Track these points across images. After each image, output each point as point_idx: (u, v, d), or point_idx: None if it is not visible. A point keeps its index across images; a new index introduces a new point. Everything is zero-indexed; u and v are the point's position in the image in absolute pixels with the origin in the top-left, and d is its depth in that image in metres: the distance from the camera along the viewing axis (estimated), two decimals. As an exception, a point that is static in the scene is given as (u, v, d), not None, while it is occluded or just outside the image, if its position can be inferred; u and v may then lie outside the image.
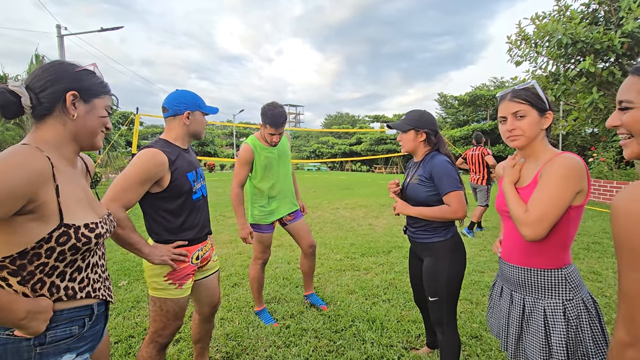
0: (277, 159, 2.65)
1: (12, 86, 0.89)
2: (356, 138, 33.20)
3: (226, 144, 40.67)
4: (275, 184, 2.65)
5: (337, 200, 9.59)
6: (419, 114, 1.84)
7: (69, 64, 0.99)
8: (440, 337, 1.82)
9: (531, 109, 1.20)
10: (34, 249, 0.85)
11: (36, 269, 0.87)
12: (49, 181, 0.87)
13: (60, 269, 0.91)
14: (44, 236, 0.86)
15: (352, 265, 4.02)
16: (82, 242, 0.92)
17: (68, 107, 0.95)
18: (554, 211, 1.09)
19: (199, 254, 1.70)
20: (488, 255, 4.32)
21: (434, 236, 1.78)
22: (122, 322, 2.69)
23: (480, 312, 2.79)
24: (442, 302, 1.76)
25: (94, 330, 1.03)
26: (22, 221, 0.83)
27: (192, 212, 1.65)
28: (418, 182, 1.78)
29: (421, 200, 1.77)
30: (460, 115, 28.92)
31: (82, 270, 0.97)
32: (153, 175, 1.49)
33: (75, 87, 0.96)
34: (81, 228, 0.92)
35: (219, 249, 4.77)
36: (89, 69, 1.02)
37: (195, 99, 1.69)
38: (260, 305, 2.82)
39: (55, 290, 0.91)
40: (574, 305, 1.16)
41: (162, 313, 1.61)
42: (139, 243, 1.46)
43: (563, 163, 1.11)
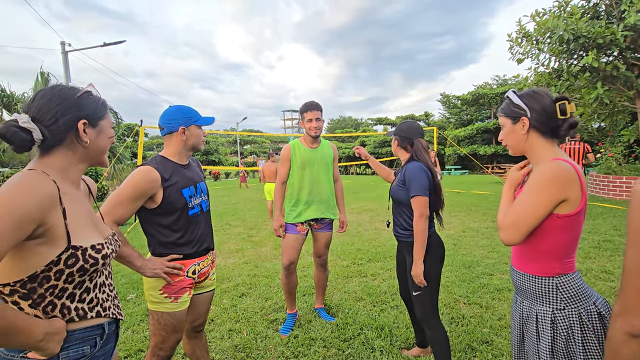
0: (316, 163, 2.69)
1: (22, 123, 0.88)
2: (360, 141, 33.18)
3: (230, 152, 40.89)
4: (307, 186, 2.68)
5: (342, 204, 9.55)
6: (401, 123, 2.09)
7: (70, 89, 0.98)
8: (429, 333, 1.94)
9: (505, 119, 1.27)
10: (43, 272, 0.87)
11: (46, 292, 0.89)
12: (57, 205, 0.88)
13: (69, 291, 0.93)
14: (53, 259, 0.87)
15: (359, 271, 3.99)
16: (89, 264, 0.94)
17: (81, 135, 0.96)
18: (527, 218, 1.10)
19: (196, 268, 1.70)
20: (497, 257, 4.27)
21: (410, 235, 1.96)
22: (131, 335, 2.69)
23: (490, 316, 2.75)
24: (424, 296, 1.90)
25: (105, 350, 1.04)
26: (31, 246, 0.85)
27: (189, 227, 1.65)
28: (396, 185, 2.00)
29: (399, 200, 1.99)
30: (463, 114, 28.77)
31: (91, 291, 0.99)
32: (145, 192, 1.51)
33: (83, 115, 0.97)
34: (88, 250, 0.94)
35: (226, 259, 4.78)
36: (88, 90, 1.02)
37: (188, 113, 1.69)
38: (290, 309, 2.84)
39: (67, 311, 0.93)
40: (565, 315, 1.12)
41: (160, 327, 1.62)
42: (130, 256, 1.49)
43: (543, 170, 1.10)
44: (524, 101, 1.21)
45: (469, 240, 5.19)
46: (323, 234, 2.81)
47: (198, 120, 1.70)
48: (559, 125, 1.17)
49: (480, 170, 22.22)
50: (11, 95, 9.14)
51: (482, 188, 12.92)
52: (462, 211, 7.78)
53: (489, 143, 24.05)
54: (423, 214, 1.83)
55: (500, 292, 3.21)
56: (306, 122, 2.64)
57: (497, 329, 2.56)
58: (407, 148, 2.03)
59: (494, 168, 21.92)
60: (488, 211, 7.62)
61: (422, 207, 1.83)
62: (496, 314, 2.79)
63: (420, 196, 1.83)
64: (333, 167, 2.81)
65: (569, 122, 1.16)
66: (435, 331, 1.90)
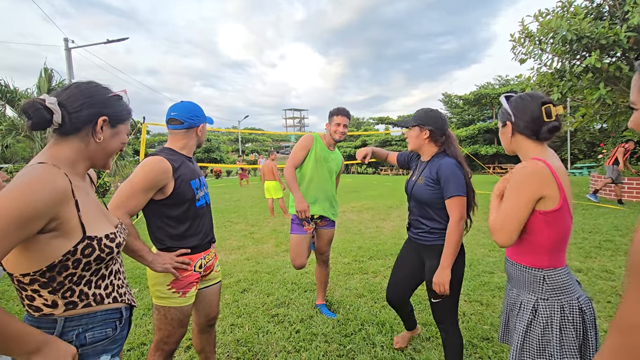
0: (328, 164, 2.74)
1: (49, 103, 0.91)
2: (361, 140, 33.16)
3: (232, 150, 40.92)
4: (317, 181, 2.71)
5: (344, 203, 9.57)
6: (426, 111, 1.84)
7: (103, 88, 1.03)
8: (444, 336, 1.86)
9: (499, 122, 1.36)
10: (61, 262, 0.89)
11: (65, 279, 0.91)
12: (70, 199, 0.89)
13: (86, 278, 0.96)
14: (70, 249, 0.89)
15: (360, 268, 4.01)
16: (105, 253, 0.96)
17: (97, 130, 0.99)
18: (511, 219, 1.17)
19: (202, 262, 1.71)
20: (497, 256, 4.28)
21: (437, 239, 1.80)
22: (134, 329, 2.71)
23: (491, 314, 2.76)
24: (444, 303, 1.78)
25: (122, 335, 1.07)
26: (46, 239, 0.86)
27: (195, 219, 1.66)
28: (424, 183, 1.79)
29: (427, 201, 1.79)
30: (465, 114, 28.76)
31: (106, 278, 1.02)
32: (157, 183, 1.51)
33: (106, 113, 1.00)
34: (103, 239, 0.96)
35: (227, 255, 4.80)
36: (119, 95, 1.07)
37: (203, 112, 1.76)
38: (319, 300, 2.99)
39: (85, 297, 0.96)
40: (547, 305, 1.19)
41: (167, 321, 1.62)
42: (142, 250, 1.49)
43: (517, 172, 1.18)
44: (510, 106, 1.29)
45: (470, 239, 5.20)
46: (326, 231, 2.83)
47: (206, 119, 1.78)
48: (540, 129, 1.23)
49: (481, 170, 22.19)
50: (14, 91, 9.15)
51: (484, 188, 12.90)
52: (463, 211, 7.77)
53: (491, 143, 24.03)
54: (463, 216, 1.68)
55: (500, 289, 3.22)
56: (333, 125, 2.68)
57: (497, 326, 2.57)
58: (438, 141, 1.81)
59: (495, 168, 21.91)
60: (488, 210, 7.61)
61: (462, 208, 1.67)
62: (497, 312, 2.80)
63: (461, 196, 1.67)
64: (337, 175, 2.89)
65: (548, 126, 1.22)
66: (453, 336, 1.82)
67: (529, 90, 8.30)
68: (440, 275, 1.69)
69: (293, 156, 2.68)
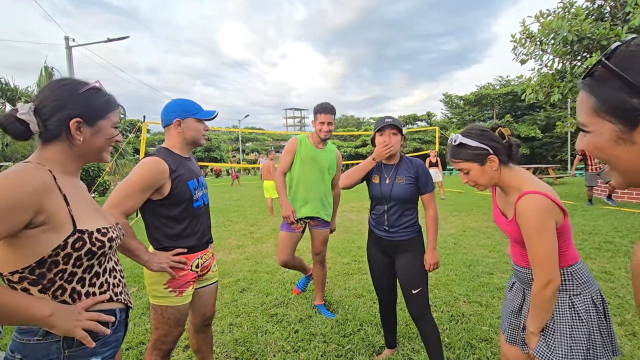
0: (317, 163, 2.72)
1: (21, 114, 0.89)
2: (361, 140, 33.17)
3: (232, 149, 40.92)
4: (304, 183, 2.72)
5: (343, 203, 9.57)
6: (397, 119, 1.99)
7: (77, 84, 0.98)
8: (425, 328, 1.95)
9: (470, 164, 1.29)
10: (50, 256, 0.88)
11: (55, 276, 0.90)
12: (54, 191, 0.88)
13: (79, 275, 0.94)
14: (60, 243, 0.88)
15: (359, 268, 4.01)
16: (97, 247, 0.94)
17: (73, 133, 0.95)
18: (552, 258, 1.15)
19: (199, 262, 1.71)
20: (497, 257, 4.27)
21: (412, 232, 1.97)
22: (133, 328, 2.71)
23: (490, 315, 2.76)
24: (424, 291, 1.93)
25: (116, 337, 1.05)
26: (35, 233, 0.86)
27: (193, 219, 1.66)
28: (407, 183, 1.93)
29: (408, 199, 1.93)
30: (466, 115, 28.74)
31: (101, 276, 1.00)
32: (154, 183, 1.51)
33: (79, 113, 0.95)
34: (94, 233, 0.94)
35: (227, 255, 4.80)
36: (95, 87, 1.00)
37: (186, 105, 1.68)
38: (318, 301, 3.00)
39: (77, 295, 0.94)
40: (581, 300, 1.19)
41: (164, 320, 1.62)
42: (138, 249, 1.49)
43: (531, 215, 1.15)
44: (481, 141, 1.26)
45: (469, 239, 5.20)
46: (320, 231, 2.83)
47: (197, 114, 1.68)
48: (511, 149, 1.27)
49: (481, 171, 22.20)
50: (15, 90, 9.17)
51: (484, 189, 12.90)
52: (463, 211, 7.78)
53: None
54: (435, 206, 1.96)
55: (500, 290, 3.21)
56: (318, 124, 2.65)
57: (496, 327, 2.57)
58: (403, 146, 2.06)
59: (495, 169, 21.84)
60: (489, 211, 7.62)
61: (435, 199, 1.98)
62: (496, 313, 2.80)
63: (433, 190, 1.97)
64: (336, 172, 2.85)
65: (514, 144, 1.27)
66: (431, 324, 1.94)
67: (529, 90, 8.31)
68: (433, 255, 1.93)
69: (281, 162, 2.75)
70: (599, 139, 0.55)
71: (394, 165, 1.98)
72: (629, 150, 0.52)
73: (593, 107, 0.54)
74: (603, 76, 0.52)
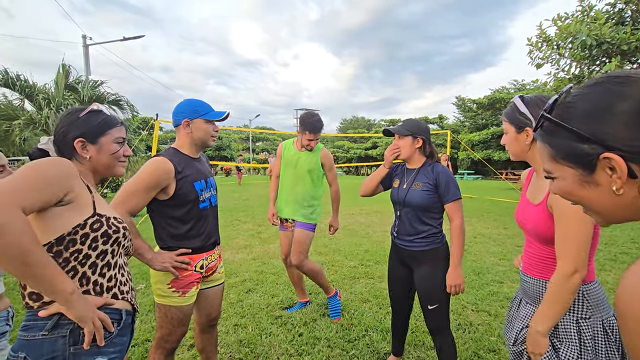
0: (299, 165, 2.78)
1: (41, 145, 1.10)
2: (372, 142, 33.02)
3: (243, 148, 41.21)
4: (286, 185, 2.84)
5: (352, 205, 9.54)
6: (416, 122, 1.90)
7: (78, 110, 1.12)
8: (439, 345, 1.87)
9: (509, 125, 1.23)
10: (70, 234, 0.95)
11: (71, 256, 0.95)
12: (79, 179, 1.01)
13: (92, 259, 0.99)
14: (80, 222, 0.97)
15: (366, 272, 3.97)
16: (112, 230, 1.03)
17: (79, 152, 1.09)
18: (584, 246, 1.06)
19: (204, 263, 1.71)
20: (508, 265, 4.18)
21: (431, 244, 1.83)
22: (140, 325, 2.74)
23: (499, 325, 2.70)
24: (441, 307, 1.81)
25: (122, 341, 1.05)
26: (60, 211, 0.95)
27: (198, 220, 1.66)
28: (423, 189, 1.81)
29: (424, 206, 1.82)
30: (478, 118, 28.33)
31: (111, 268, 1.04)
32: (159, 183, 1.52)
33: (81, 133, 1.09)
34: (111, 218, 1.05)
35: (234, 254, 4.82)
36: (94, 109, 1.13)
37: (195, 106, 1.67)
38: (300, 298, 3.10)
39: (86, 281, 0.98)
40: (589, 325, 1.09)
41: (167, 320, 1.63)
42: (142, 248, 1.51)
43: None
44: (530, 110, 1.18)
45: (479, 246, 5.11)
46: (296, 233, 2.78)
47: (206, 114, 1.67)
48: None
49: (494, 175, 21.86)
50: (33, 86, 9.39)
51: (496, 194, 12.70)
52: (473, 217, 7.66)
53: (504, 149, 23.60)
54: (463, 215, 1.80)
55: (510, 300, 3.14)
56: (305, 139, 2.71)
57: (504, 338, 2.50)
58: (425, 150, 1.90)
59: (508, 174, 21.50)
60: (500, 217, 7.49)
61: (462, 210, 1.80)
62: (505, 323, 2.73)
63: (460, 199, 1.79)
64: (325, 172, 2.87)
65: None
66: (448, 342, 1.86)
67: (545, 95, 8.12)
68: (455, 276, 1.75)
69: (274, 168, 2.95)
70: (564, 183, 0.57)
71: (415, 169, 1.89)
72: (594, 191, 0.53)
73: (551, 154, 0.57)
74: (550, 127, 0.55)
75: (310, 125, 2.66)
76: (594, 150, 0.50)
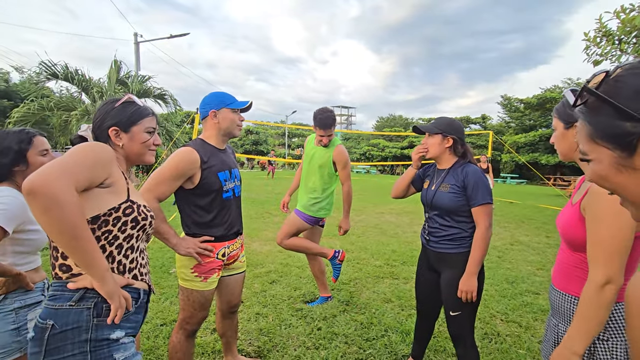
0: (314, 159, 2.83)
1: (81, 132, 1.19)
2: (408, 141, 32.20)
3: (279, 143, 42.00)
4: (302, 177, 2.96)
5: (383, 204, 9.39)
6: (449, 120, 1.83)
7: (112, 101, 1.19)
8: (462, 352, 1.79)
9: (558, 121, 1.14)
10: (104, 215, 1.03)
11: (102, 235, 1.03)
12: (117, 165, 1.09)
13: (119, 241, 1.07)
14: (115, 206, 1.05)
15: (391, 272, 3.90)
16: (141, 217, 1.10)
17: (113, 140, 1.16)
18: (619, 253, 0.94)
19: (226, 251, 1.77)
20: (546, 276, 3.91)
21: (459, 247, 1.74)
22: (169, 306, 2.90)
23: (530, 338, 2.53)
24: (464, 315, 1.73)
25: (137, 318, 1.13)
26: (100, 192, 1.03)
27: (221, 209, 1.72)
28: (450, 191, 1.73)
29: (450, 209, 1.74)
30: (526, 119, 26.59)
31: (134, 251, 1.11)
32: (185, 172, 1.59)
33: (113, 123, 1.15)
34: (141, 206, 1.12)
35: (262, 246, 4.93)
36: (127, 100, 1.19)
37: (221, 97, 1.74)
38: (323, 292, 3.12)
39: (111, 260, 1.06)
40: (607, 347, 0.99)
41: (189, 303, 1.71)
42: (167, 233, 1.59)
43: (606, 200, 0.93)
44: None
45: (516, 254, 4.82)
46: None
47: (231, 104, 1.73)
48: None
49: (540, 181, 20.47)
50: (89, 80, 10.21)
51: (541, 201, 11.89)
52: (512, 222, 7.24)
53: (554, 152, 21.99)
54: (491, 223, 1.70)
55: (545, 313, 2.94)
56: (318, 135, 2.76)
57: (535, 353, 2.35)
58: (457, 150, 1.81)
59: (556, 180, 19.95)
60: (543, 225, 7.01)
61: (491, 216, 1.69)
62: (537, 336, 2.56)
63: (490, 204, 1.68)
64: (338, 170, 2.80)
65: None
66: (470, 351, 1.78)
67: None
68: (468, 282, 1.66)
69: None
70: (600, 167, 0.53)
71: (445, 170, 1.82)
72: (632, 177, 0.49)
73: (589, 134, 0.53)
74: (593, 104, 0.52)
75: (319, 121, 2.68)
76: (636, 129, 0.46)
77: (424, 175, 1.97)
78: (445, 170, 1.81)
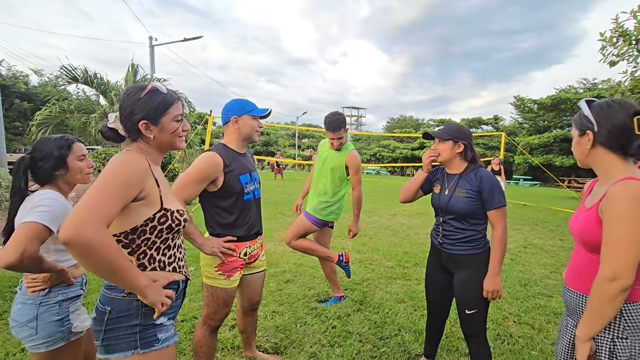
0: (325, 162, 2.90)
1: (110, 123, 1.19)
2: (419, 142, 32.01)
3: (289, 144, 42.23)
4: (314, 179, 3.00)
5: (395, 206, 9.40)
6: (457, 126, 1.89)
7: (137, 90, 1.15)
8: (476, 350, 1.86)
9: (574, 129, 1.20)
10: (142, 226, 1.10)
11: (142, 242, 1.13)
12: (150, 175, 1.12)
13: (157, 244, 1.16)
14: (150, 216, 1.11)
15: (403, 274, 3.95)
16: (175, 223, 1.17)
17: (144, 133, 1.15)
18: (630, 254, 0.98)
19: (247, 250, 1.86)
20: (560, 279, 3.90)
21: (473, 248, 1.81)
22: (188, 303, 3.02)
23: (542, 340, 2.56)
24: (479, 313, 1.81)
25: (177, 303, 1.25)
26: (136, 206, 1.09)
27: (243, 211, 1.82)
28: (466, 196, 1.78)
29: (467, 213, 1.79)
30: (539, 120, 26.16)
31: (171, 248, 1.21)
32: (209, 176, 1.69)
33: (143, 116, 1.13)
34: (175, 212, 1.17)
35: (276, 246, 5.03)
36: (152, 88, 1.16)
37: (242, 104, 1.84)
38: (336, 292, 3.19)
39: (153, 261, 1.16)
40: (626, 346, 1.03)
41: (213, 299, 1.81)
42: (193, 233, 1.69)
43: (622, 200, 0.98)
44: (593, 114, 1.13)
45: (529, 256, 4.81)
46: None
47: (252, 111, 1.83)
48: (630, 143, 1.06)
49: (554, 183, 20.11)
50: (107, 83, 10.54)
51: (555, 203, 11.72)
52: (526, 225, 7.18)
53: (568, 153, 21.57)
54: (505, 224, 1.77)
55: (557, 316, 2.95)
56: (329, 138, 2.84)
57: (548, 354, 2.38)
58: (467, 156, 1.86)
59: (571, 182, 19.53)
60: (557, 228, 6.93)
61: (505, 217, 1.77)
62: (549, 338, 2.59)
63: (505, 206, 1.75)
64: (350, 175, 2.85)
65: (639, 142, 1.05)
66: (483, 349, 1.85)
67: (618, 96, 7.32)
68: (493, 282, 1.74)
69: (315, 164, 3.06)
70: None
71: (456, 175, 1.86)
72: None
73: None
74: None
75: (327, 124, 2.77)
76: None
77: (432, 179, 2.01)
78: (458, 175, 1.85)
